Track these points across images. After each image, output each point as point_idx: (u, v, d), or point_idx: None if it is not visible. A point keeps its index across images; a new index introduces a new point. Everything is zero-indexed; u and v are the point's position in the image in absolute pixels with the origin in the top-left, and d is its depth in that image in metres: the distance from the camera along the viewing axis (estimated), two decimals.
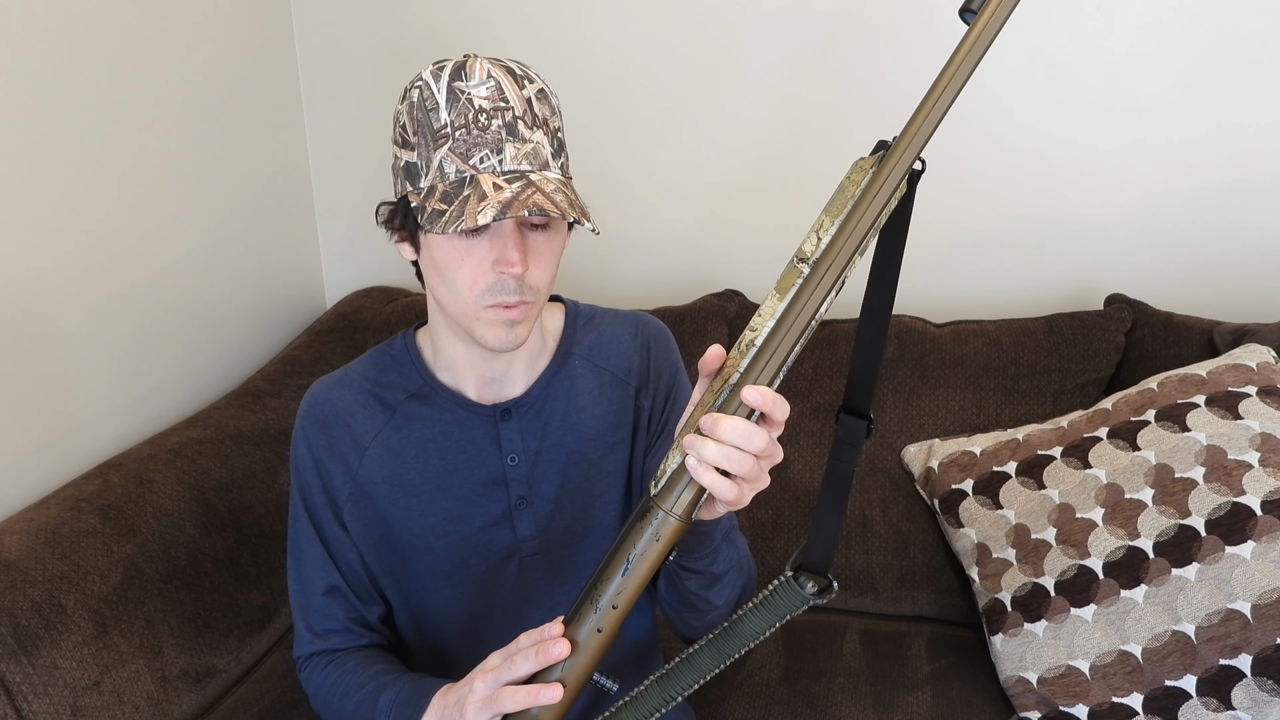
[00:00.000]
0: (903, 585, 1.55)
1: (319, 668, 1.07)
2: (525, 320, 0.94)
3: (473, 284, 0.91)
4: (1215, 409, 1.34)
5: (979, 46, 0.70)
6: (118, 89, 1.50)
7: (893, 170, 0.70)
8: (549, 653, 0.79)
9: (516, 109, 0.89)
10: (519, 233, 0.90)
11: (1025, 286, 1.78)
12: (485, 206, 0.84)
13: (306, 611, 1.08)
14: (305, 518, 1.06)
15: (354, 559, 1.07)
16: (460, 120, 0.88)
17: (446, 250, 0.91)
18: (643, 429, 1.09)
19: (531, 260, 0.92)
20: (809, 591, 0.79)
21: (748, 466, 0.72)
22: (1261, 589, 1.20)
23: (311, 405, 1.06)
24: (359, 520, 1.05)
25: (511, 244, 0.89)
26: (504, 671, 0.81)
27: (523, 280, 0.91)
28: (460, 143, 0.88)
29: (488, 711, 0.82)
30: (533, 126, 0.90)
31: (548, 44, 1.83)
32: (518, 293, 0.91)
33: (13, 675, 1.13)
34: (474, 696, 0.83)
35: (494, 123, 0.88)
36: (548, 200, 0.85)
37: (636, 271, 1.93)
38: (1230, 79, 1.60)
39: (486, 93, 0.89)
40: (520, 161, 0.89)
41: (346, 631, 1.07)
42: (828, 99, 1.76)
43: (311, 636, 1.07)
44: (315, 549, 1.06)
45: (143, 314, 1.58)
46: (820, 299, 0.71)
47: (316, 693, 1.07)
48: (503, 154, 0.88)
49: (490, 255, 0.90)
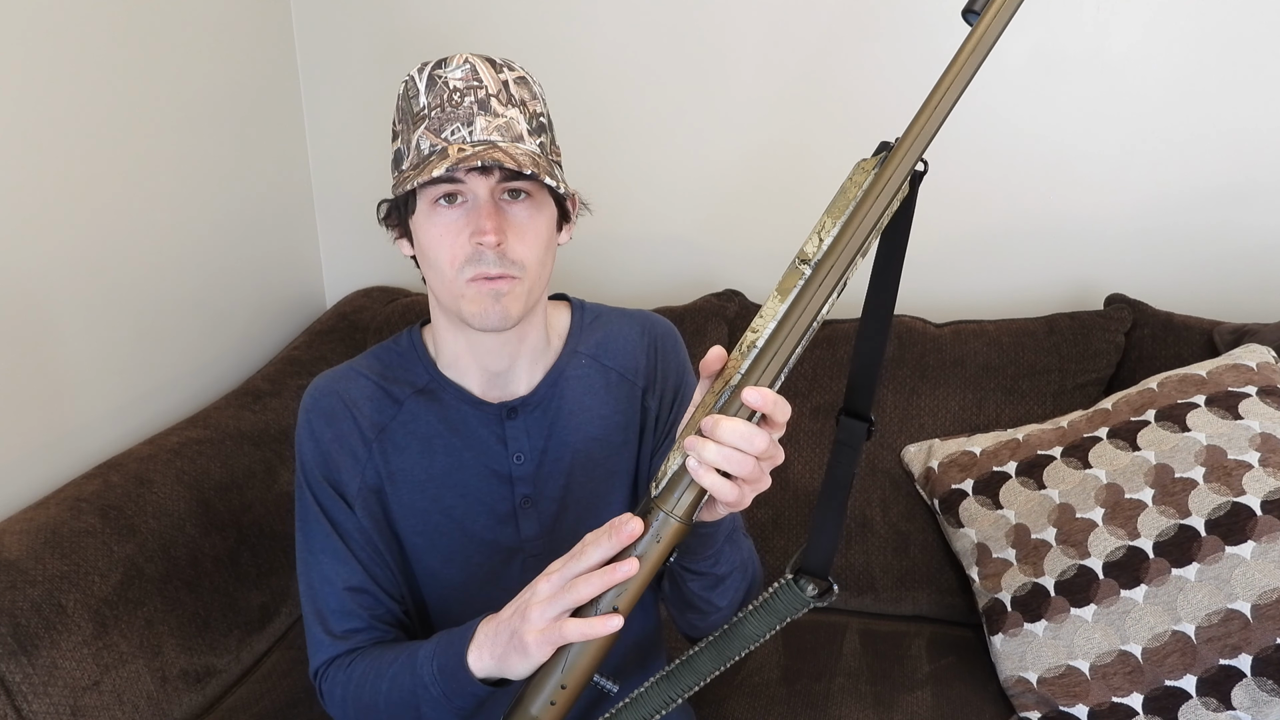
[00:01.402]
0: (903, 585, 1.55)
1: (342, 669, 0.98)
2: (512, 295, 0.92)
3: (452, 259, 0.91)
4: (1215, 409, 1.34)
5: (981, 48, 0.69)
6: (118, 89, 1.50)
7: (895, 172, 0.70)
8: (623, 531, 0.75)
9: (490, 88, 0.91)
10: (493, 203, 0.91)
11: (1025, 286, 1.78)
12: (444, 164, 0.86)
13: (323, 614, 1.01)
14: (318, 514, 1.02)
15: (374, 550, 1.02)
16: (436, 101, 0.91)
17: (426, 229, 0.92)
18: (649, 429, 1.08)
19: (511, 233, 0.91)
20: (809, 594, 0.79)
21: (748, 468, 0.72)
22: (1261, 589, 1.20)
23: (317, 398, 1.03)
24: (368, 514, 1.02)
25: (484, 214, 0.89)
26: (574, 564, 0.76)
27: (502, 253, 0.90)
28: (435, 120, 0.90)
29: (555, 608, 0.76)
30: (507, 104, 0.91)
31: (548, 45, 1.83)
32: (498, 265, 0.90)
33: (13, 675, 1.13)
34: (538, 597, 0.77)
35: (467, 99, 0.90)
36: (505, 155, 0.86)
37: (637, 271, 1.93)
38: (1230, 79, 1.60)
39: (461, 74, 0.92)
40: (491, 133, 0.90)
41: (370, 629, 1.00)
42: (828, 99, 1.75)
43: (331, 640, 1.00)
44: (332, 544, 1.01)
45: (143, 314, 1.58)
46: (822, 300, 0.71)
47: (344, 693, 0.97)
48: (473, 125, 0.89)
49: (467, 228, 0.91)
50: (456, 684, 0.85)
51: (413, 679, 0.89)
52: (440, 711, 0.88)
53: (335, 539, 1.01)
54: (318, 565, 1.02)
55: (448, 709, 0.87)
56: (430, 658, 0.88)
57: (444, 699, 0.87)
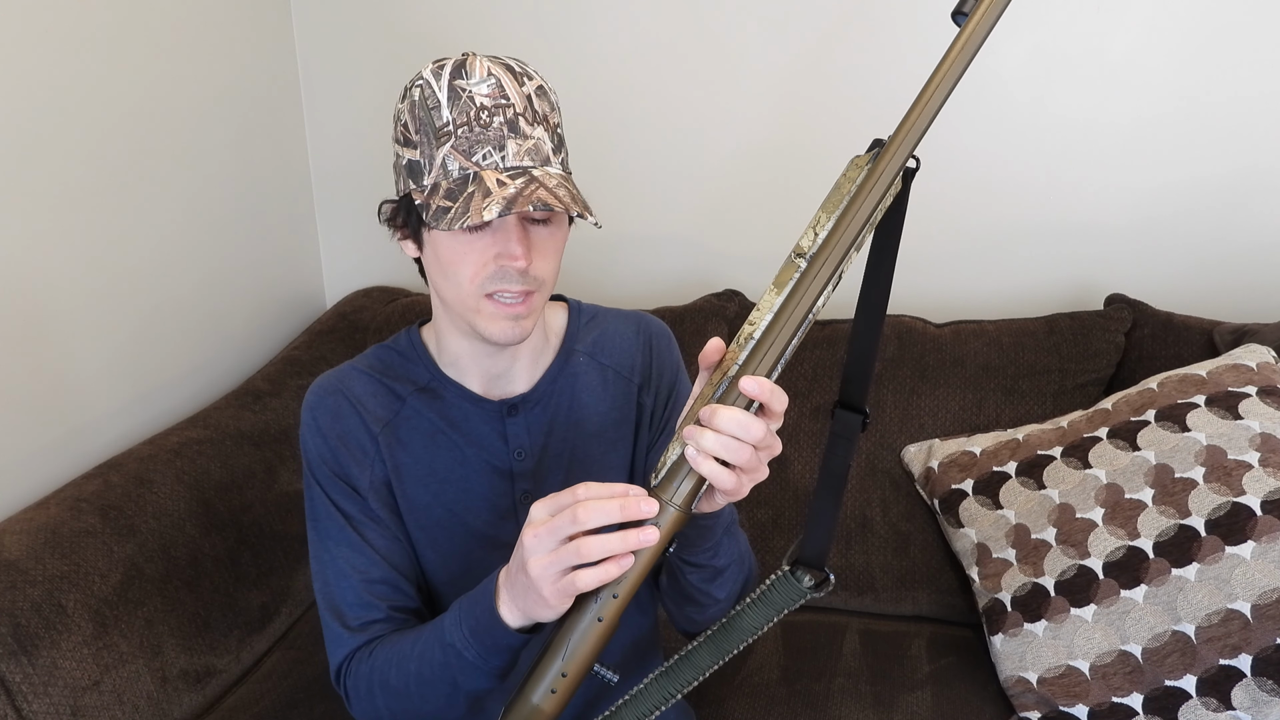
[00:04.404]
0: (903, 585, 1.55)
1: (363, 661, 0.97)
2: (530, 314, 0.94)
3: (474, 277, 0.92)
4: (1215, 409, 1.34)
5: (969, 47, 0.72)
6: (118, 89, 1.50)
7: (887, 167, 0.72)
8: (636, 507, 0.73)
9: (518, 106, 0.91)
10: (521, 227, 0.92)
11: (1025, 286, 1.78)
12: (490, 203, 0.85)
13: (340, 609, 1.00)
14: (329, 508, 1.01)
15: (393, 539, 1.02)
16: (462, 118, 0.90)
17: (450, 245, 0.92)
18: (645, 426, 1.10)
19: (535, 253, 0.93)
20: (805, 585, 0.79)
21: (746, 456, 0.73)
22: (1261, 589, 1.20)
23: (321, 396, 1.03)
24: (383, 505, 1.03)
25: (515, 238, 0.91)
26: (564, 522, 0.74)
27: (526, 272, 0.92)
28: (463, 140, 0.89)
29: (558, 565, 0.74)
30: (533, 123, 0.91)
31: (548, 45, 1.83)
32: (520, 281, 0.92)
33: (13, 675, 1.13)
34: (530, 552, 0.76)
35: (495, 120, 0.90)
36: (551, 195, 0.86)
37: (637, 271, 1.94)
38: (1230, 79, 1.60)
39: (488, 90, 0.90)
40: (523, 158, 0.90)
41: (388, 620, 0.99)
42: (829, 100, 1.76)
43: (349, 634, 0.99)
44: (347, 536, 1.00)
45: (143, 314, 1.58)
46: (817, 293, 0.73)
47: (369, 684, 0.96)
48: (505, 150, 0.89)
49: (493, 249, 0.91)
50: (491, 639, 0.84)
51: (443, 650, 0.88)
52: (476, 676, 0.87)
53: (350, 531, 1.01)
54: (333, 561, 1.01)
55: (484, 671, 0.86)
56: (457, 624, 0.87)
57: (480, 660, 0.85)
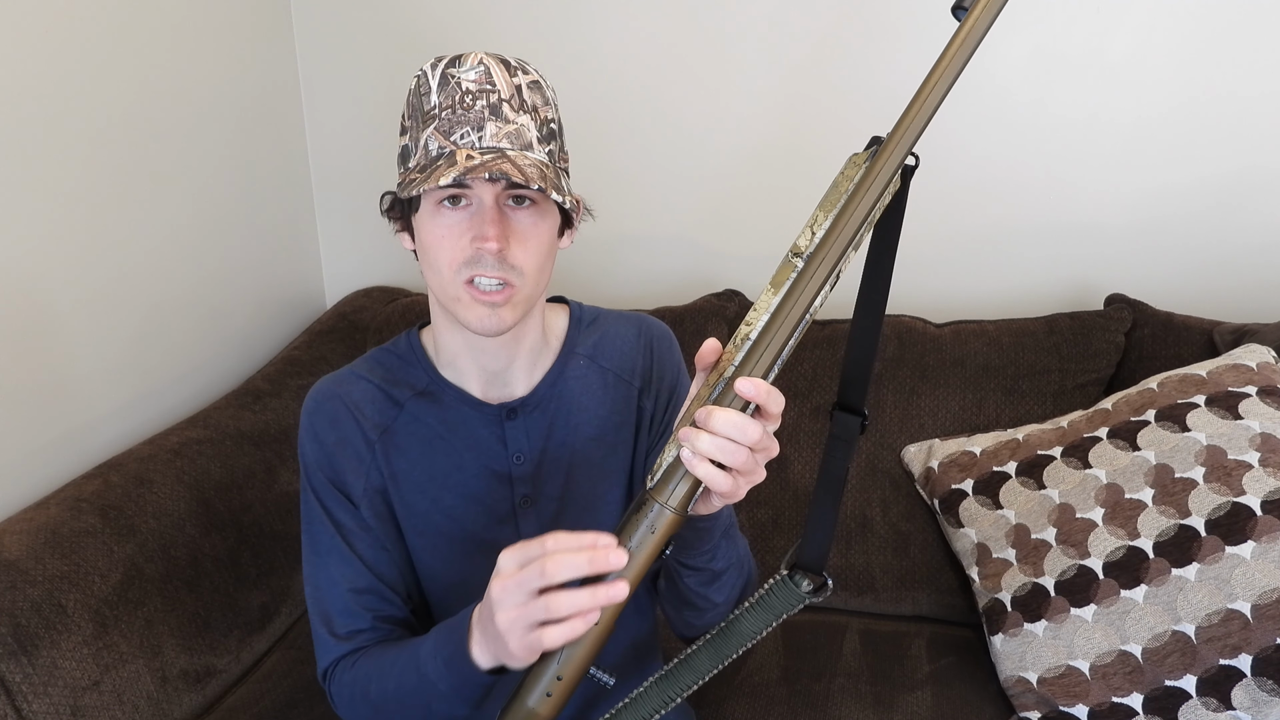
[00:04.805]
0: (903, 585, 1.55)
1: (347, 669, 0.99)
2: (509, 304, 0.92)
3: (451, 261, 0.91)
4: (1215, 409, 1.33)
5: (968, 44, 0.71)
6: (118, 89, 1.50)
7: (885, 164, 0.71)
8: (604, 559, 0.72)
9: (503, 92, 0.90)
10: (497, 209, 0.90)
11: (1025, 286, 1.77)
12: (453, 171, 0.85)
13: (329, 616, 1.01)
14: (322, 517, 1.02)
15: (380, 550, 1.02)
16: (448, 101, 0.90)
17: (430, 228, 0.92)
18: (645, 429, 1.09)
19: (513, 240, 0.91)
20: (804, 590, 0.79)
21: (742, 458, 0.72)
22: (1261, 589, 1.20)
23: (319, 401, 1.03)
24: (374, 514, 1.03)
25: (489, 220, 0.89)
26: (532, 575, 0.73)
27: (503, 258, 0.90)
28: (445, 121, 0.90)
29: (526, 620, 0.73)
30: (519, 110, 0.91)
31: (548, 45, 1.83)
32: (497, 268, 0.90)
33: (13, 675, 1.13)
34: (499, 604, 0.75)
35: (478, 103, 0.90)
36: (514, 167, 0.85)
37: (637, 271, 1.93)
38: (1230, 79, 1.60)
39: (475, 76, 0.91)
40: (500, 140, 0.89)
41: (374, 629, 1.01)
42: (829, 99, 1.76)
43: (336, 641, 1.00)
44: (337, 546, 1.01)
45: (143, 314, 1.58)
46: (814, 293, 0.72)
47: (351, 693, 0.98)
48: (483, 131, 0.89)
49: (469, 232, 0.90)
50: (462, 676, 0.84)
51: (419, 677, 0.89)
52: (450, 705, 0.87)
53: (339, 541, 1.02)
54: (324, 568, 1.02)
55: (458, 700, 0.87)
56: (433, 654, 0.87)
57: (453, 692, 0.86)
